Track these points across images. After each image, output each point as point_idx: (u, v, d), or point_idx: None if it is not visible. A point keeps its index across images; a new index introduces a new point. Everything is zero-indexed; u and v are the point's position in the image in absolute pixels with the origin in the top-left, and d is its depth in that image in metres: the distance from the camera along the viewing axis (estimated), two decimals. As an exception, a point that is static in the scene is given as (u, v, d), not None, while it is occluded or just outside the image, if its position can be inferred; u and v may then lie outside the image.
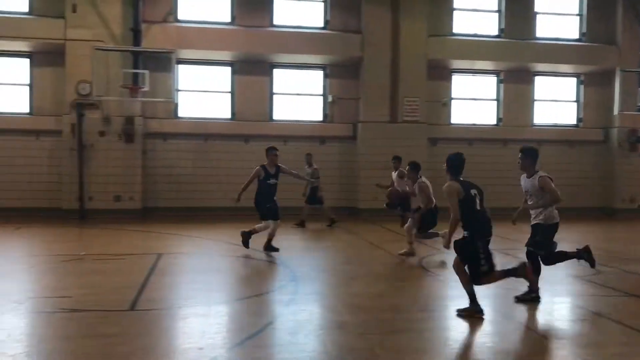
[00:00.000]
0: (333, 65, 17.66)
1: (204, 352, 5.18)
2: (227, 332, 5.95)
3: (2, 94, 16.24)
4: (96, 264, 9.28)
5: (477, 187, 6.50)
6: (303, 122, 17.52)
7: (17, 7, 15.77)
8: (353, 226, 14.79)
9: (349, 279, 8.51)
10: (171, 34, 16.07)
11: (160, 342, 5.53)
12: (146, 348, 5.27)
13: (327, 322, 6.25)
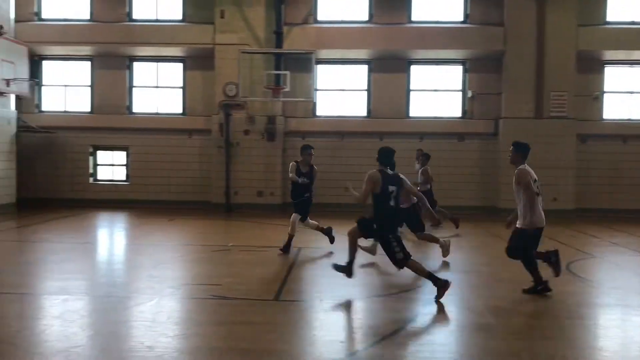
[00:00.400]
0: (473, 60, 17.13)
1: (346, 345, 5.28)
2: (367, 327, 6.01)
3: (159, 97, 17.68)
4: (242, 255, 9.79)
5: (401, 183, 7.01)
6: (440, 119, 17.20)
7: (172, 16, 17.10)
8: (492, 226, 14.23)
9: (492, 281, 8.22)
10: (311, 34, 16.54)
11: (304, 332, 5.72)
12: (291, 337, 5.48)
13: (469, 324, 6.08)
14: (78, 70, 17.74)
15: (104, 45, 16.86)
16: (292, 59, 16.41)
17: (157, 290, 7.27)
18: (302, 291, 7.40)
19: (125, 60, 17.58)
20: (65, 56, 17.65)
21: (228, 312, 6.32)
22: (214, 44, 16.56)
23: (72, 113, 17.60)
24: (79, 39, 16.76)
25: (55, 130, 17.03)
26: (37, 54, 17.14)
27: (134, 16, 17.21)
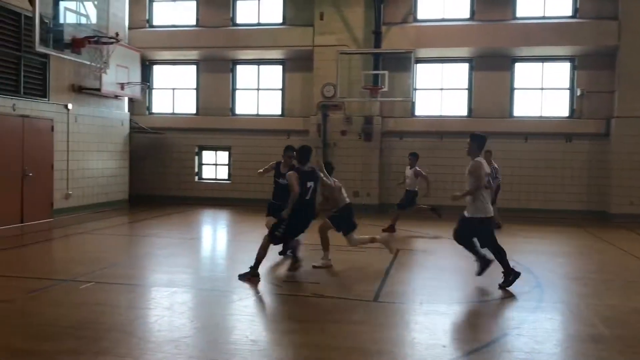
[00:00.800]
0: (582, 56, 16.22)
1: (447, 350, 5.17)
2: (470, 332, 5.84)
3: (260, 98, 18.18)
4: (340, 254, 9.82)
5: (317, 179, 7.73)
6: (547, 119, 16.43)
7: (273, 19, 17.52)
8: (601, 231, 13.44)
9: (603, 289, 7.74)
10: (410, 34, 16.36)
11: (404, 334, 5.66)
12: (392, 338, 5.44)
13: (579, 334, 5.76)
14: (185, 73, 18.63)
15: (209, 50, 17.57)
16: (390, 59, 16.31)
17: (259, 285, 7.47)
18: (401, 293, 7.32)
19: (229, 64, 18.22)
20: (173, 60, 18.58)
21: (328, 310, 6.38)
22: (313, 45, 16.79)
23: (179, 115, 18.49)
24: (186, 43, 17.58)
25: (164, 131, 17.97)
26: (148, 59, 18.17)
27: (237, 21, 17.80)
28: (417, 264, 9.38)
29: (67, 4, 10.88)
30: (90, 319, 5.84)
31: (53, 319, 5.95)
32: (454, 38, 16.12)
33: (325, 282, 7.65)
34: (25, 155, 12.55)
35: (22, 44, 12.38)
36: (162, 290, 7.29)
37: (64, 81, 14.17)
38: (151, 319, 6.04)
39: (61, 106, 14.00)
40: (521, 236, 12.72)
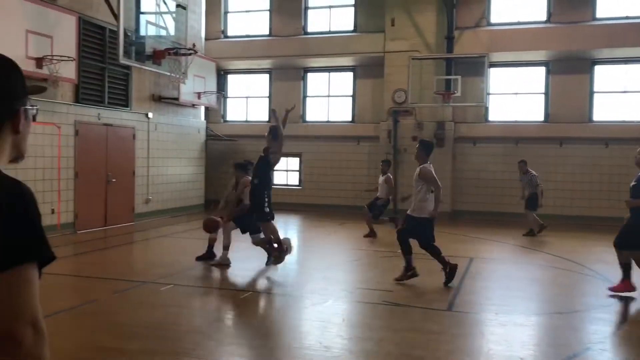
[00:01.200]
0: (670, 57, 15.38)
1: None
2: (548, 346, 5.65)
3: (330, 105, 18.31)
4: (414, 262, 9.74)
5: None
6: (630, 123, 15.63)
7: (344, 27, 17.65)
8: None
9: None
10: (483, 38, 16.05)
11: (480, 345, 5.55)
12: (467, 349, 5.35)
13: (669, 351, 5.46)
14: (258, 82, 19.05)
15: (281, 58, 17.89)
16: (463, 63, 16.06)
17: (331, 292, 7.53)
18: (476, 302, 7.18)
19: (300, 72, 18.49)
20: (247, 70, 19.04)
21: (401, 318, 6.35)
22: (384, 52, 16.77)
23: (252, 122, 18.91)
24: (259, 53, 17.98)
25: (238, 138, 18.42)
26: (223, 69, 18.71)
27: (309, 29, 18.04)
28: (491, 272, 9.16)
29: (148, 18, 11.38)
30: (169, 320, 6.07)
31: (136, 319, 6.23)
32: (529, 41, 15.67)
33: (399, 290, 7.61)
34: (109, 162, 13.21)
35: (106, 57, 13.04)
36: (237, 294, 7.48)
37: (144, 91, 14.82)
38: (227, 322, 6.22)
39: (142, 115, 14.64)
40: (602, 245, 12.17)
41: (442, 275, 8.31)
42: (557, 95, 16.15)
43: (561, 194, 15.88)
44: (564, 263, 9.87)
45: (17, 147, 1.62)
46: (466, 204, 16.65)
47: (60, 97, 11.94)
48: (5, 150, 1.58)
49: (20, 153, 1.64)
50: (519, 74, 16.63)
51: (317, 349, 5.28)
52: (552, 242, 12.31)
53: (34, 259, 1.42)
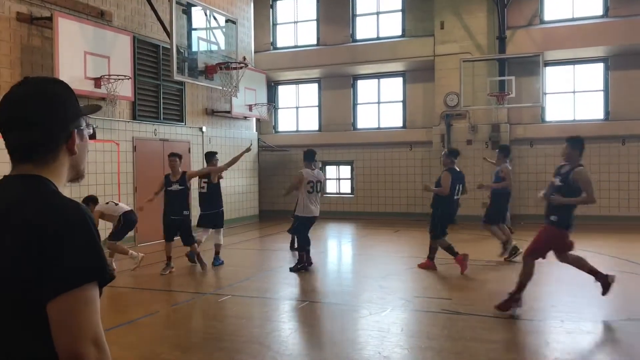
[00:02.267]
0: None
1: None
2: (620, 355, 5.39)
3: (381, 111, 18.22)
4: (470, 268, 9.50)
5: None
6: (697, 117, 14.88)
7: (392, 32, 17.55)
8: None
9: None
10: (536, 36, 15.62)
11: (545, 354, 5.34)
12: (531, 359, 5.15)
13: None
14: (307, 92, 19.16)
15: (330, 67, 17.93)
16: (516, 63, 15.67)
17: (388, 301, 7.43)
18: (539, 309, 6.93)
19: (349, 79, 18.47)
20: (296, 80, 19.17)
21: (461, 327, 6.19)
22: (434, 55, 16.57)
23: (303, 132, 19.00)
24: (308, 63, 18.07)
25: (289, 148, 18.54)
26: (273, 80, 18.90)
27: (357, 37, 18.03)
28: (555, 277, 8.83)
29: (199, 34, 11.62)
30: (228, 331, 6.12)
31: (195, 330, 6.32)
32: (585, 37, 15.14)
33: (458, 298, 7.44)
34: (166, 176, 13.50)
35: (160, 74, 13.39)
36: (294, 304, 7.48)
37: (198, 105, 15.14)
38: (285, 332, 6.22)
39: (196, 129, 14.94)
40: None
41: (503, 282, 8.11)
42: (618, 92, 15.53)
43: (625, 195, 15.24)
44: (631, 266, 9.43)
45: (75, 167, 1.67)
46: (525, 207, 16.19)
47: (118, 114, 12.33)
48: (63, 172, 1.63)
49: (79, 173, 1.69)
50: (576, 71, 16.08)
51: (376, 359, 5.20)
52: (616, 244, 11.80)
53: (94, 279, 1.45)
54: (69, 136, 1.60)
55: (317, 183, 9.65)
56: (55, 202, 1.49)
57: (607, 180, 15.36)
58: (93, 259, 1.45)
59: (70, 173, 1.65)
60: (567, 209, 6.61)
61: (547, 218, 6.76)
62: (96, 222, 9.03)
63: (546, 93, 15.89)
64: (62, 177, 1.62)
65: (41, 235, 1.40)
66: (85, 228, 1.46)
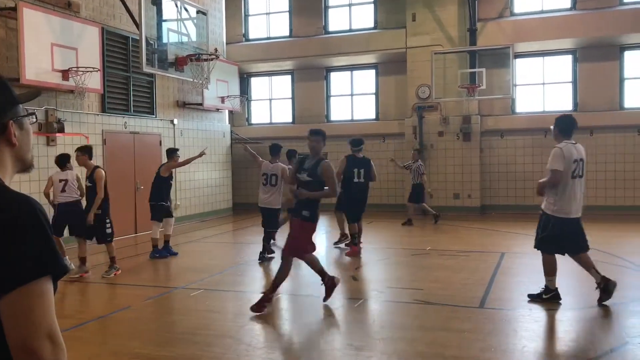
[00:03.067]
0: (702, 39, 14.93)
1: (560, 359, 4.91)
2: (585, 341, 5.53)
3: (354, 104, 18.25)
4: (441, 259, 9.66)
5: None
6: (661, 109, 15.22)
7: (364, 25, 17.56)
8: None
9: None
10: (506, 28, 15.80)
11: (514, 343, 5.45)
12: (500, 347, 5.25)
13: None
14: (280, 84, 19.09)
15: (303, 59, 17.88)
16: (487, 55, 15.84)
17: (361, 292, 7.48)
18: (508, 299, 7.06)
19: (322, 71, 18.45)
20: (269, 72, 19.07)
21: (432, 317, 6.27)
22: (406, 47, 16.64)
23: (276, 124, 18.95)
24: (281, 54, 17.99)
25: (263, 140, 18.45)
26: (245, 72, 18.78)
27: (330, 28, 18.00)
28: (524, 267, 8.99)
29: (170, 25, 11.48)
30: (201, 325, 6.10)
31: (168, 325, 6.28)
32: (554, 30, 15.36)
33: (430, 288, 7.52)
34: (137, 170, 13.36)
35: (130, 66, 13.20)
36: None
37: (169, 98, 14.97)
38: (257, 325, 6.22)
39: (167, 122, 14.78)
40: (636, 235, 11.90)
41: (474, 272, 8.21)
42: (586, 84, 15.81)
43: (592, 184, 15.54)
44: (598, 255, 9.59)
45: (20, 159, 1.61)
46: (495, 197, 16.42)
47: (87, 107, 12.12)
48: (7, 165, 1.57)
49: (26, 164, 1.64)
50: (546, 63, 16.32)
51: (348, 351, 5.24)
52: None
53: (46, 273, 1.41)
54: (4, 128, 1.54)
55: (271, 176, 9.71)
56: (2, 196, 1.45)
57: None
58: (45, 252, 1.41)
59: (16, 165, 1.61)
60: (315, 203, 6.69)
61: (298, 213, 6.64)
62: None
63: (516, 85, 16.11)
64: (6, 169, 1.56)
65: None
66: (36, 221, 1.42)
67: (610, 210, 15.20)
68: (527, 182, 16.05)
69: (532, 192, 15.96)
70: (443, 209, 16.12)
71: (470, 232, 12.94)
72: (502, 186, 16.36)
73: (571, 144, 6.48)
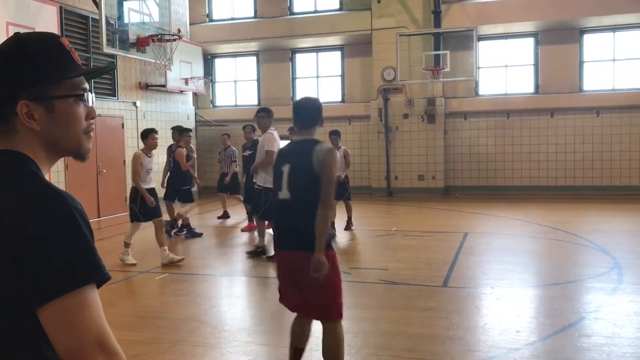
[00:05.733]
0: (658, 23, 15.29)
1: (522, 335, 5.05)
2: (544, 317, 5.68)
3: (321, 86, 18.19)
4: (406, 239, 9.79)
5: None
6: (620, 91, 15.57)
7: (330, 6, 17.46)
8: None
9: (688, 269, 7.35)
10: (471, 11, 15.91)
11: (476, 320, 5.57)
12: (463, 324, 5.36)
13: (664, 317, 5.49)
14: (246, 65, 18.89)
15: (268, 40, 17.70)
16: (451, 38, 15.95)
17: (326, 273, 7.52)
18: (471, 277, 7.20)
19: (288, 53, 18.31)
20: (234, 53, 18.84)
21: (397, 297, 6.36)
22: (371, 29, 16.62)
23: (242, 106, 18.77)
24: (245, 36, 17.77)
25: (228, 123, 18.29)
26: (209, 53, 18.51)
27: (295, 10, 17.84)
28: (486, 246, 9.18)
29: (131, 4, 11.22)
30: (166, 309, 6.06)
31: (132, 309, 6.22)
32: (517, 12, 15.52)
33: (394, 268, 7.62)
34: (99, 153, 13.10)
35: (90, 46, 12.87)
36: (233, 280, 7.48)
37: (131, 79, 14.67)
38: (224, 308, 6.21)
39: (130, 104, 14.51)
40: (596, 215, 12.25)
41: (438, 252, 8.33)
42: (547, 66, 16.08)
43: (553, 165, 15.92)
44: (558, 234, 9.91)
45: (53, 145, 1.37)
46: (459, 179, 16.65)
47: (46, 89, 11.79)
48: (36, 151, 1.34)
49: (67, 152, 1.41)
50: (508, 46, 16.52)
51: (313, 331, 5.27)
52: (545, 213, 12.35)
53: (85, 282, 1.25)
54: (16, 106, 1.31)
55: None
56: (33, 190, 1.26)
57: (536, 152, 15.97)
58: (83, 258, 1.25)
59: (50, 151, 1.38)
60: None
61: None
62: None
63: (480, 67, 16.26)
64: (37, 156, 1.34)
65: (17, 236, 1.20)
66: (71, 222, 1.24)
67: (570, 190, 15.59)
68: (490, 164, 16.34)
69: (495, 172, 16.31)
70: (408, 191, 16.32)
71: (434, 213, 13.13)
72: (465, 167, 16.60)
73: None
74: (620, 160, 15.52)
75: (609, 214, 12.28)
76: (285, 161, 3.92)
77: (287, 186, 3.81)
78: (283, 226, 3.91)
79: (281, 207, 3.90)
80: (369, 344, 4.94)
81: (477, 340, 4.98)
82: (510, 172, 16.22)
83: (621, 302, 5.93)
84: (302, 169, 3.75)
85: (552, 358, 4.57)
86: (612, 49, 15.67)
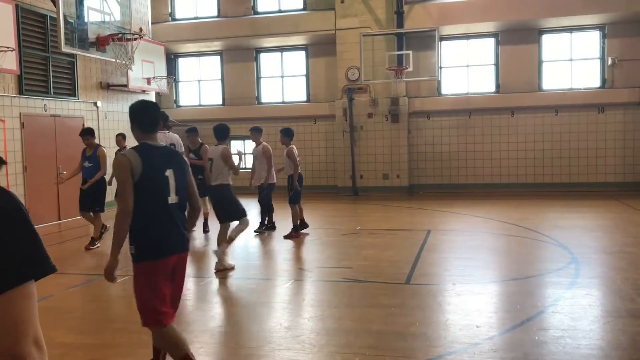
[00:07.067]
0: (613, 24, 15.73)
1: (482, 330, 5.14)
2: (504, 312, 5.80)
3: (285, 85, 18.17)
4: (371, 238, 9.86)
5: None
6: (577, 90, 16.01)
7: (294, 6, 17.46)
8: (638, 203, 13.16)
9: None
10: (433, 11, 16.11)
11: (437, 316, 5.65)
12: (425, 320, 5.44)
13: (617, 309, 5.66)
14: (209, 65, 18.73)
15: (232, 40, 17.60)
16: (414, 38, 16.13)
17: (291, 273, 7.54)
18: (433, 274, 7.30)
19: (252, 52, 18.25)
20: (197, 52, 18.68)
21: (360, 294, 6.41)
22: (335, 29, 16.69)
23: (206, 106, 18.63)
24: (209, 35, 17.63)
25: (191, 123, 18.08)
26: (172, 52, 18.32)
27: (259, 9, 17.79)
28: (449, 244, 9.32)
29: (90, 3, 10.99)
30: (126, 312, 5.96)
31: (92, 312, 6.12)
32: (478, 13, 15.79)
33: (358, 266, 7.67)
34: (59, 154, 12.83)
35: (49, 45, 12.59)
36: (196, 281, 7.41)
37: (91, 79, 14.39)
38: (187, 309, 6.15)
39: (90, 104, 14.24)
40: (555, 211, 12.54)
41: (401, 250, 8.40)
42: (507, 66, 16.41)
43: (514, 163, 16.25)
44: (519, 230, 10.12)
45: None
46: (422, 177, 16.86)
47: (3, 89, 11.50)
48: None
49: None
50: (470, 46, 16.79)
51: (277, 331, 5.28)
52: (506, 210, 12.60)
53: (34, 277, 1.26)
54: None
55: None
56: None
57: (498, 150, 16.29)
58: (33, 252, 1.27)
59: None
60: None
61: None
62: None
63: (442, 67, 16.50)
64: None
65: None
66: (20, 218, 1.26)
67: (530, 187, 15.95)
68: (453, 162, 16.58)
69: (457, 171, 16.56)
70: (373, 189, 16.44)
71: (398, 211, 13.25)
72: (429, 166, 16.81)
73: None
74: (578, 157, 15.94)
75: (567, 210, 12.60)
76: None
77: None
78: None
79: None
80: (331, 342, 4.96)
81: (439, 336, 5.05)
82: (472, 170, 16.49)
83: (577, 296, 6.10)
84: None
85: (510, 352, 4.67)
86: (570, 49, 16.08)
